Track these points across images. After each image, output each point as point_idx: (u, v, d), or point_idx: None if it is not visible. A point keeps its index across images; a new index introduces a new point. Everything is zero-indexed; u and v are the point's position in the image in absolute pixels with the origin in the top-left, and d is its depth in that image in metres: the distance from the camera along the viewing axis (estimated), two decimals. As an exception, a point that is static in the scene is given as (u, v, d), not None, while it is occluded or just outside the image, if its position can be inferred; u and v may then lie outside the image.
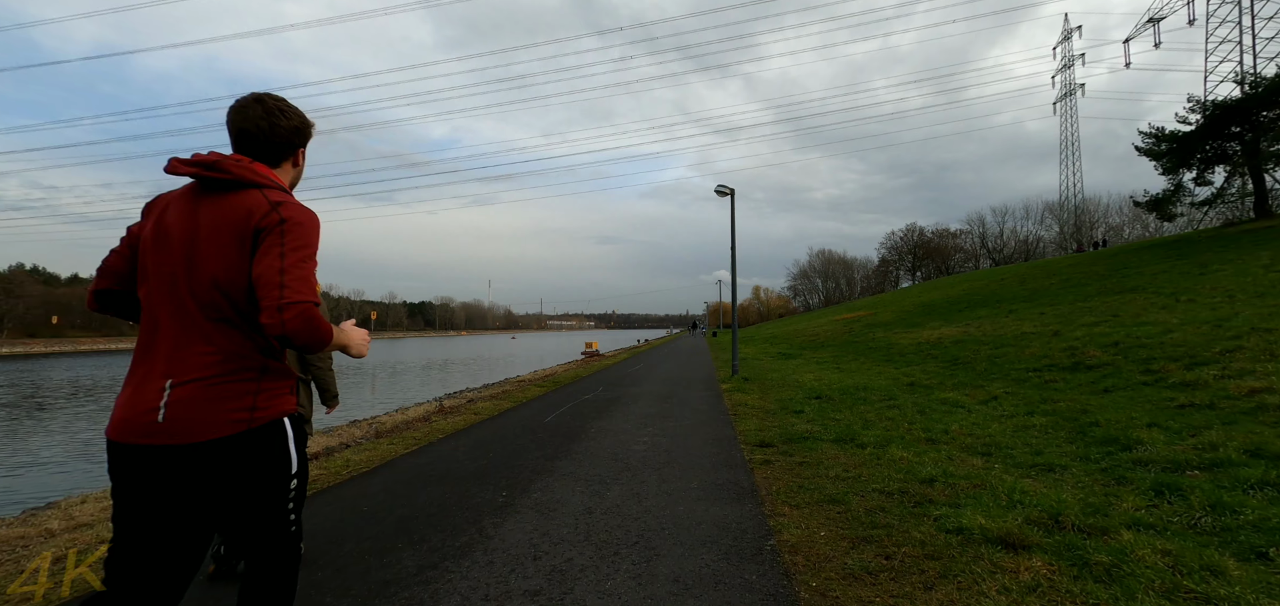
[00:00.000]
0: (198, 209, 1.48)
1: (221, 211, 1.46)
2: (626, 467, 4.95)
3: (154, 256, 1.48)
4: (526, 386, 13.16)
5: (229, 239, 1.44)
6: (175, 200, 1.52)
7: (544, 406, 9.25)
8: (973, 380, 9.76)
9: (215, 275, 1.43)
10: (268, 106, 1.60)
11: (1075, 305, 16.84)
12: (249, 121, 1.57)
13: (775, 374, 13.30)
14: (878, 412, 7.27)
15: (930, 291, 41.63)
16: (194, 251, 1.44)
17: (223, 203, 1.47)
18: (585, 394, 10.89)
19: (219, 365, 1.42)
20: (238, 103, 1.59)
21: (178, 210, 1.49)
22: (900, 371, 12.33)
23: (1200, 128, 31.11)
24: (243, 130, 1.58)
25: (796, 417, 7.18)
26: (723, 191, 11.66)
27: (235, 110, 1.58)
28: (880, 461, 4.75)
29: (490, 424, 7.67)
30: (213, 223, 1.45)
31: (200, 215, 1.47)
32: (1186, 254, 23.00)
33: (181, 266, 1.45)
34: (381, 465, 5.51)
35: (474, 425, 7.69)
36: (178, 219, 1.48)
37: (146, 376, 1.43)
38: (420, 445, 6.48)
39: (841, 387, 9.97)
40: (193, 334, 1.43)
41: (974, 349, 13.24)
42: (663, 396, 9.96)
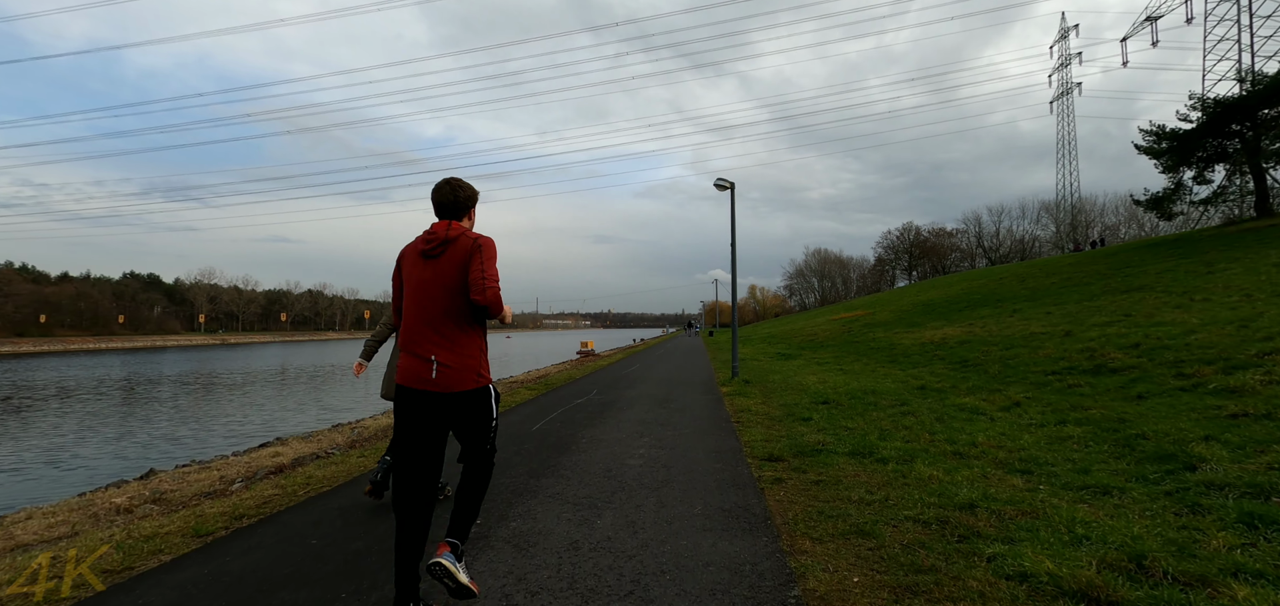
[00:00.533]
0: (434, 255, 2.48)
1: (450, 251, 2.46)
2: (620, 487, 4.37)
3: (414, 280, 2.52)
4: (517, 389, 12.57)
5: (457, 263, 2.43)
6: (415, 248, 2.56)
7: (533, 411, 8.66)
8: (987, 384, 9.23)
9: (459, 285, 2.44)
10: (453, 185, 2.61)
11: (1082, 304, 16.38)
12: (443, 197, 2.60)
13: (776, 376, 12.75)
14: (892, 420, 6.72)
15: (928, 290, 41.21)
16: (434, 276, 2.47)
17: (448, 246, 2.47)
18: (578, 397, 10.32)
19: (470, 342, 2.48)
20: (436, 186, 2.62)
21: (419, 253, 2.52)
22: (907, 373, 11.81)
23: (1201, 125, 30.83)
24: (440, 203, 2.61)
25: (805, 425, 6.63)
26: (722, 185, 11.09)
27: (434, 190, 2.61)
28: (906, 480, 4.19)
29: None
30: (450, 258, 2.44)
31: (436, 261, 2.46)
32: (1189, 253, 22.63)
33: (437, 281, 2.47)
34: (345, 483, 4.92)
35: (455, 433, 7.12)
36: (420, 259, 2.51)
37: (422, 348, 2.42)
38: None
39: (848, 391, 9.43)
40: (449, 323, 2.45)
41: (982, 350, 12.72)
42: (660, 400, 9.39)
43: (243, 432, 14.65)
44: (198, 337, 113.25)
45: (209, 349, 79.82)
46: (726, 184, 11.07)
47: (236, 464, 8.03)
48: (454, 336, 2.39)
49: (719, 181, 11.04)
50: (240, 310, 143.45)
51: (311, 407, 19.42)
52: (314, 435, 10.81)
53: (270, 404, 20.44)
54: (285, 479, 5.29)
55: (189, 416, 17.56)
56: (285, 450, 9.06)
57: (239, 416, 17.69)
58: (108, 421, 16.57)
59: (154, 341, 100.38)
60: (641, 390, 11.11)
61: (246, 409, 19.30)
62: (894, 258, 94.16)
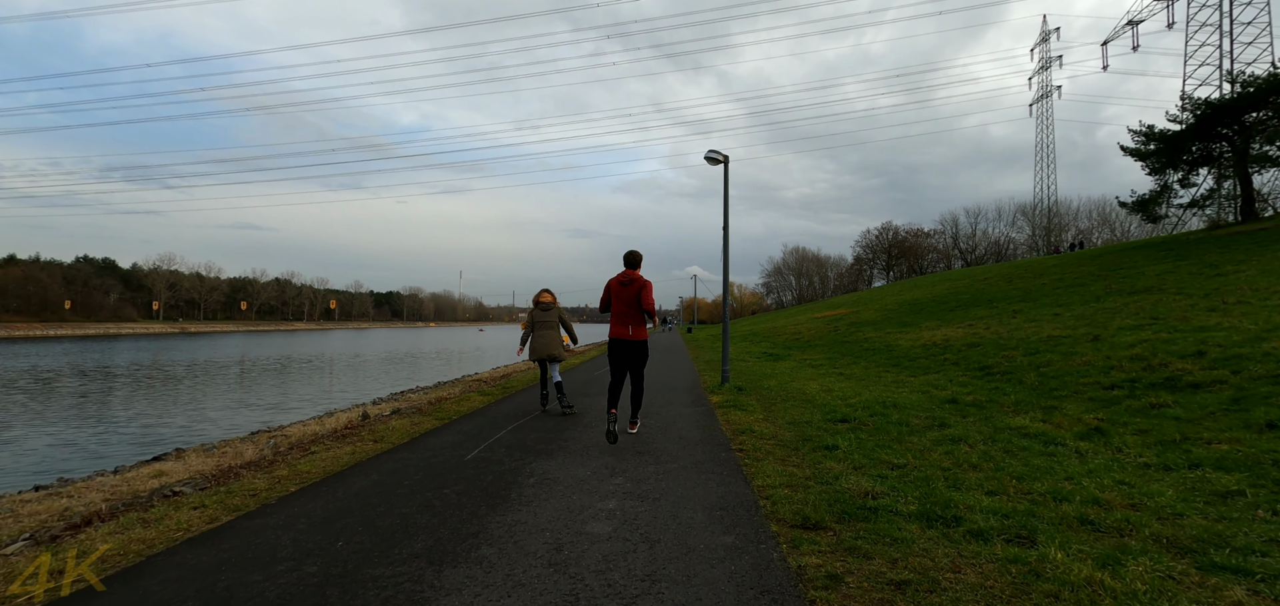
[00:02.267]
0: (630, 283, 6.12)
1: (635, 284, 6.11)
2: (571, 598, 2.64)
3: (618, 295, 6.14)
4: (469, 392, 10.72)
5: (637, 290, 6.10)
6: (623, 278, 6.16)
7: (477, 427, 6.88)
8: (1034, 398, 7.69)
9: (638, 300, 6.11)
10: (637, 257, 6.25)
11: (1089, 306, 15.15)
12: (634, 260, 6.24)
13: (771, 381, 11.13)
14: (945, 452, 5.10)
15: (910, 290, 40.22)
16: (628, 294, 6.10)
17: (634, 281, 6.12)
18: (536, 406, 8.57)
19: (642, 324, 6.16)
20: (630, 253, 6.27)
21: (623, 284, 6.13)
22: (920, 380, 10.28)
23: (1190, 127, 30.35)
24: (631, 261, 6.24)
25: (831, 458, 4.97)
26: (714, 158, 9.37)
27: (628, 255, 6.27)
28: (1044, 580, 2.55)
29: (388, 460, 5.27)
30: (635, 287, 6.10)
31: (631, 289, 6.10)
32: (1182, 255, 21.77)
33: (630, 300, 6.10)
34: (165, 551, 3.11)
35: (366, 461, 5.29)
36: (631, 285, 6.10)
37: (626, 327, 6.09)
38: (259, 503, 4.08)
39: (864, 404, 7.82)
40: (635, 315, 6.11)
41: (1000, 354, 11.27)
42: (641, 411, 7.71)
43: (151, 438, 12.54)
44: (156, 326, 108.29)
45: (166, 338, 75.89)
46: (719, 157, 9.36)
47: (100, 488, 6.16)
48: (637, 321, 6.07)
49: (711, 154, 9.32)
50: (202, 298, 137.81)
51: (247, 409, 17.26)
52: (222, 446, 8.85)
53: (206, 400, 18.17)
54: (115, 529, 3.43)
55: (99, 416, 15.30)
56: (174, 468, 7.19)
57: (159, 415, 15.48)
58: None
59: (107, 329, 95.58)
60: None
61: (172, 407, 17.06)
62: (872, 257, 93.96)
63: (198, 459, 7.95)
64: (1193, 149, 31.19)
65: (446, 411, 8.20)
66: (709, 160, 9.36)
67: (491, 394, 10.01)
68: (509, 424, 7.06)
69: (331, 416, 10.91)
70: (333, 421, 9.57)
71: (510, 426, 6.88)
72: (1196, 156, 31.67)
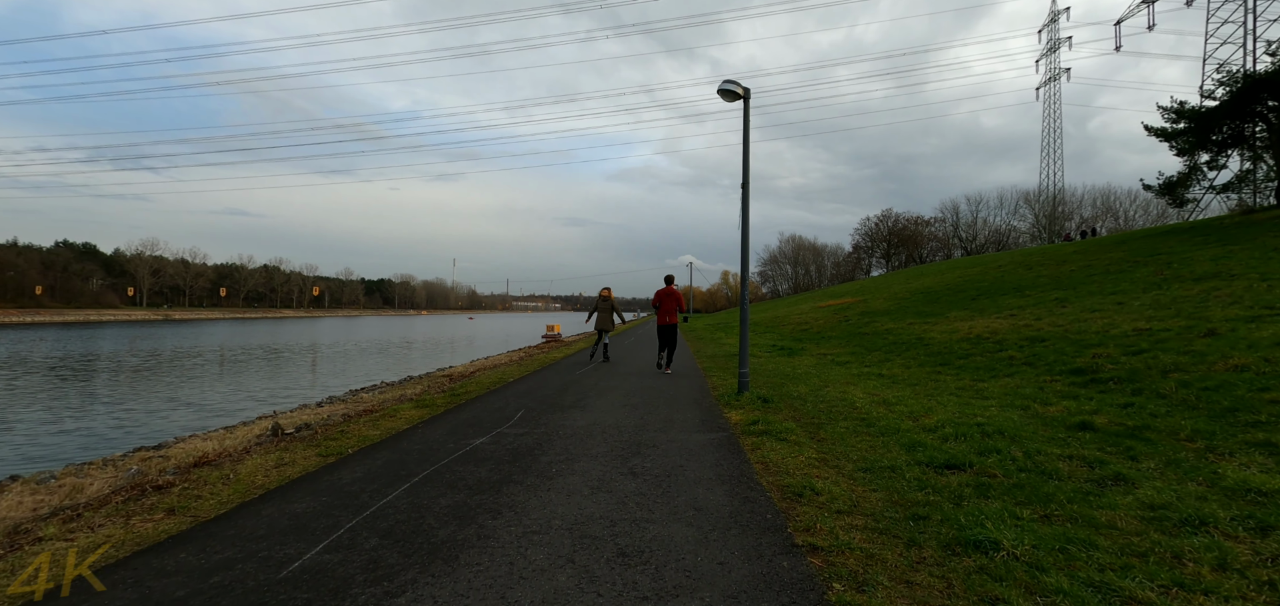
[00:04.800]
0: (669, 293, 12.47)
1: (675, 294, 12.50)
2: None
3: (664, 301, 12.50)
4: (404, 403, 8.53)
5: (676, 297, 12.51)
6: (665, 290, 12.50)
7: (397, 460, 4.72)
8: (1210, 425, 5.46)
9: (679, 303, 12.54)
10: (671, 276, 12.41)
11: (1151, 294, 13.08)
12: (669, 279, 12.44)
13: (799, 386, 8.93)
14: (1178, 546, 2.98)
15: (918, 278, 38.13)
16: (670, 299, 12.44)
17: (673, 291, 12.50)
18: (493, 423, 6.39)
19: (675, 315, 12.49)
20: (668, 276, 12.47)
21: (666, 292, 12.50)
22: (997, 387, 8.10)
23: (1226, 103, 28.39)
24: (667, 278, 12.45)
25: (990, 574, 2.82)
26: (731, 90, 7.11)
27: (666, 278, 12.52)
28: None
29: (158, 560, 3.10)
30: (675, 295, 12.48)
31: (670, 296, 12.46)
32: (1226, 240, 19.77)
33: (672, 301, 12.40)
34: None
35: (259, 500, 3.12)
36: (669, 292, 12.48)
37: (667, 316, 12.44)
38: (134, 550, 1.97)
39: (953, 428, 5.58)
40: (674, 310, 12.45)
41: (1087, 353, 8.99)
42: (626, 445, 5.50)
43: (45, 449, 10.31)
44: (138, 312, 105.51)
45: (147, 325, 73.20)
46: (739, 89, 7.07)
47: None
48: (674, 313, 12.41)
49: (727, 85, 7.00)
50: (187, 284, 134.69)
51: (185, 408, 14.99)
52: (64, 474, 6.65)
53: (135, 398, 15.88)
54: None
55: (11, 417, 13.06)
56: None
57: (77, 415, 13.23)
58: None
59: (87, 315, 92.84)
60: (599, 411, 7.25)
61: (98, 406, 14.79)
62: (872, 245, 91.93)
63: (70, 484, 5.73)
64: (1223, 128, 29.35)
65: (346, 440, 5.90)
66: (725, 93, 7.08)
67: (427, 409, 7.64)
68: (442, 456, 4.86)
69: (245, 427, 8.69)
70: (233, 439, 7.37)
71: (443, 461, 4.68)
72: (1226, 136, 29.83)
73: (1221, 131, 29.53)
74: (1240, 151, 31.72)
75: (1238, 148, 30.95)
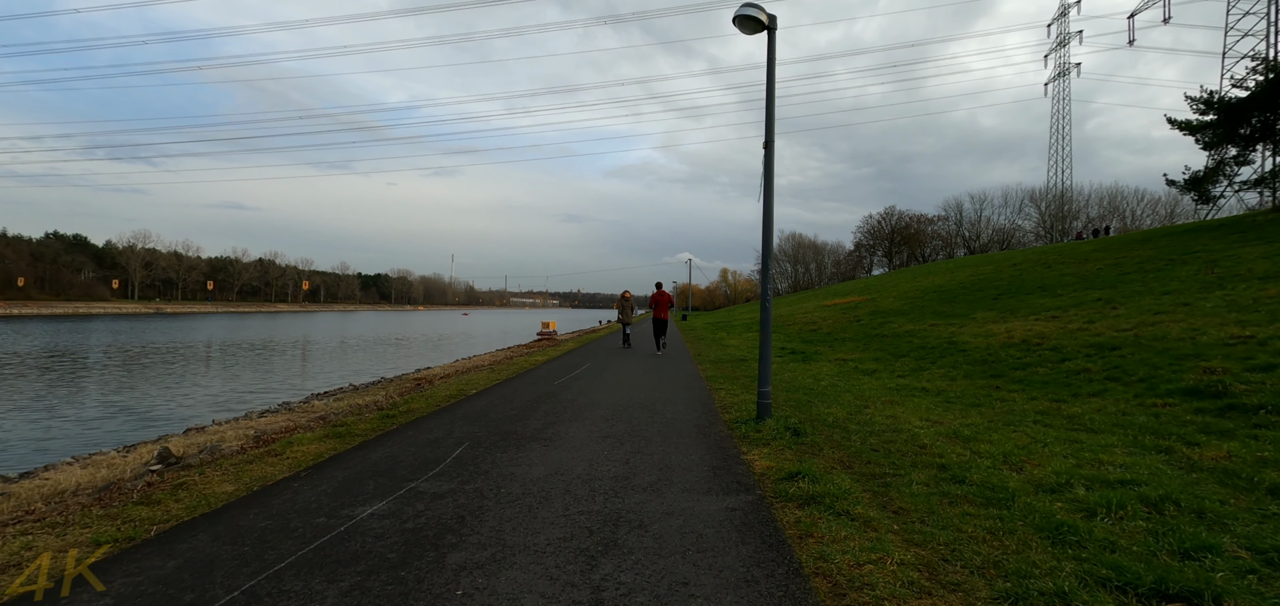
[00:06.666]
0: (661, 295, 17.71)
1: (665, 296, 17.69)
2: None
3: (660, 300, 17.65)
4: (340, 425, 6.90)
5: (667, 298, 17.79)
6: (657, 293, 17.67)
7: (270, 524, 3.11)
8: None
9: (670, 302, 17.80)
10: (661, 284, 17.92)
11: (1218, 294, 11.48)
12: (660, 287, 17.80)
13: (834, 408, 7.08)
14: None
15: (926, 276, 36.51)
16: (662, 299, 17.56)
17: (664, 293, 17.69)
18: (410, 472, 4.75)
19: (666, 310, 17.66)
20: (659, 284, 17.97)
21: (658, 294, 17.64)
22: (1089, 409, 6.45)
23: (1258, 92, 26.82)
24: (658, 284, 17.89)
25: None
26: (753, 16, 5.31)
27: (656, 284, 17.99)
28: None
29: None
30: (665, 297, 17.76)
31: (662, 297, 17.62)
32: (1269, 237, 18.16)
33: (666, 300, 17.65)
34: None
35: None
36: (660, 294, 17.64)
37: (660, 312, 17.73)
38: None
39: (1103, 497, 3.80)
40: (665, 307, 17.56)
41: (1195, 368, 7.28)
42: (597, 522, 3.71)
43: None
44: (129, 305, 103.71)
45: (137, 318, 71.46)
46: (763, 17, 5.31)
47: None
48: (665, 309, 17.32)
49: (747, 9, 5.23)
50: (180, 277, 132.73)
51: (125, 416, 13.35)
52: None
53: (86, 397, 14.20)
54: None
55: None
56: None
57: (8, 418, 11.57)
58: None
59: (76, 308, 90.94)
60: (569, 444, 5.60)
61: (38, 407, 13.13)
62: (874, 243, 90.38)
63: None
64: (1253, 120, 27.75)
65: (182, 500, 4.26)
66: (743, 21, 5.33)
67: (347, 434, 5.84)
68: (225, 591, 3.20)
69: (134, 450, 7.02)
70: (88, 472, 5.74)
71: (337, 532, 3.03)
72: (1255, 130, 28.23)
73: (1250, 124, 27.95)
74: (1268, 146, 30.15)
75: (1265, 142, 29.37)
